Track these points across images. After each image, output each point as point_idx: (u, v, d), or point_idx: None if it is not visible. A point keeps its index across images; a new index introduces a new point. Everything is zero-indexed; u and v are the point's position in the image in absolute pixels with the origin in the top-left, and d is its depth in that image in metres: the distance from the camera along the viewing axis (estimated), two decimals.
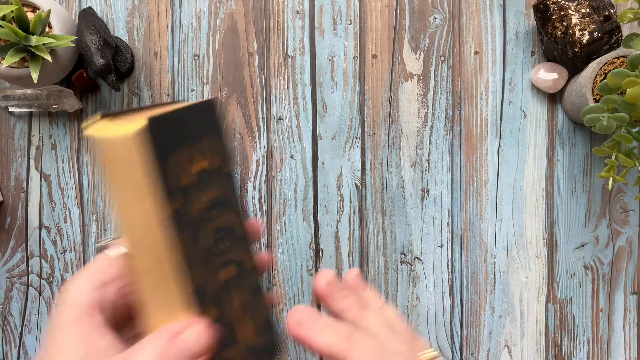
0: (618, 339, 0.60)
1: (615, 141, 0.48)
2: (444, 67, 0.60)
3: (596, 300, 0.60)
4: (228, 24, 0.60)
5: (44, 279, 0.60)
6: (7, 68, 0.51)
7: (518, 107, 0.60)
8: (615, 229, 0.60)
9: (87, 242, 0.60)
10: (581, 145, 0.60)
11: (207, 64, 0.60)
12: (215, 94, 0.60)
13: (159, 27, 0.60)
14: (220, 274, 0.27)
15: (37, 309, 0.61)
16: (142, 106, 0.25)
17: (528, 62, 0.60)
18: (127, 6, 0.60)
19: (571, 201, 0.60)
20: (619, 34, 0.54)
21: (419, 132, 0.60)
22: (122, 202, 0.25)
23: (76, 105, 0.59)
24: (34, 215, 0.60)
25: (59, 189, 0.60)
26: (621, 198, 0.60)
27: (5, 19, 0.49)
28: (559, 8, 0.54)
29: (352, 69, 0.60)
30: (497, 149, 0.60)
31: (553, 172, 0.60)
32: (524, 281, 0.60)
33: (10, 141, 0.60)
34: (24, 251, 0.60)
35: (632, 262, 0.60)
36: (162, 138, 0.24)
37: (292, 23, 0.60)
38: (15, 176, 0.60)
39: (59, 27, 0.53)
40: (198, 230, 0.26)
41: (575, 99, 0.55)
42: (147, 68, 0.60)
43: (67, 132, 0.60)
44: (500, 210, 0.60)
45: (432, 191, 0.60)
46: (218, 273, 0.27)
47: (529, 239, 0.60)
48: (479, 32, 0.60)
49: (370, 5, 0.60)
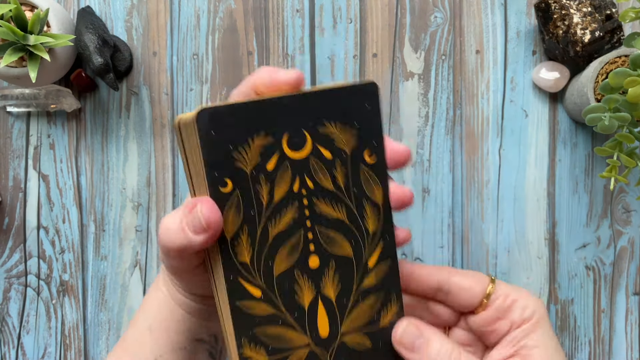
0: (620, 340, 0.60)
1: (617, 141, 0.48)
2: (445, 66, 0.59)
3: (598, 301, 0.60)
4: (227, 23, 0.60)
5: (42, 279, 0.60)
6: (5, 67, 0.51)
7: (519, 107, 0.59)
8: (617, 230, 0.59)
9: (86, 242, 0.60)
10: (583, 145, 0.59)
11: (207, 63, 0.60)
12: (214, 93, 0.60)
13: (157, 26, 0.60)
14: (287, 260, 0.28)
15: (35, 309, 0.60)
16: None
17: (529, 62, 0.59)
18: (126, 5, 0.60)
19: (573, 201, 0.60)
20: (620, 33, 0.53)
21: (420, 132, 0.60)
22: (194, 182, 0.27)
23: (74, 105, 0.58)
24: (32, 216, 0.60)
25: (57, 189, 0.60)
26: (623, 198, 0.59)
27: (4, 18, 0.49)
28: (560, 7, 0.54)
29: (352, 68, 0.60)
30: (498, 149, 0.59)
31: (554, 172, 0.60)
32: (526, 282, 0.60)
33: (8, 141, 0.60)
34: (22, 252, 0.60)
35: (634, 262, 0.60)
36: (222, 124, 0.25)
37: (291, 22, 0.60)
38: (14, 176, 0.60)
39: (58, 26, 0.52)
40: (259, 217, 0.27)
41: (577, 99, 0.55)
42: (146, 67, 0.60)
43: (66, 131, 0.60)
44: (501, 211, 0.60)
45: (432, 191, 0.60)
46: (287, 259, 0.28)
47: (531, 239, 0.60)
48: (480, 31, 0.59)
49: (370, 3, 0.60)
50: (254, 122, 0.26)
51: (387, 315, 0.30)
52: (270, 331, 0.28)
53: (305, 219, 0.28)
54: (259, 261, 0.27)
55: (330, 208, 0.28)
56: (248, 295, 0.27)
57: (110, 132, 0.60)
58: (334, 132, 0.28)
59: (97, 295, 0.60)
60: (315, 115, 0.27)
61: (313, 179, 0.28)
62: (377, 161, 0.29)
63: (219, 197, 0.26)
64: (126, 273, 0.60)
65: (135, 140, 0.60)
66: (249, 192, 0.26)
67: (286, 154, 0.27)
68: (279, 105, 0.26)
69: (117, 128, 0.60)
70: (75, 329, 0.60)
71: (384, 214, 0.29)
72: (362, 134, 0.28)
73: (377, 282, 0.30)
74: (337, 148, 0.28)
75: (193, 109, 0.59)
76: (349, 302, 0.29)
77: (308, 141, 0.27)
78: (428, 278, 0.33)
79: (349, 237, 0.29)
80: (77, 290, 0.60)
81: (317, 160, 0.28)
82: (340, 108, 0.28)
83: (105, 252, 0.60)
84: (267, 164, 0.27)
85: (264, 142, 0.26)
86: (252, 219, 0.27)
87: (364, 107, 0.28)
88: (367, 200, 0.29)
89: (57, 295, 0.60)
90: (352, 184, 0.28)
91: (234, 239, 0.26)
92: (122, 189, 0.60)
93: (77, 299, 0.60)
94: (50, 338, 0.60)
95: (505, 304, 0.32)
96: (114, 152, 0.60)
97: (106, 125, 0.60)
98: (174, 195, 0.60)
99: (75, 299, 0.60)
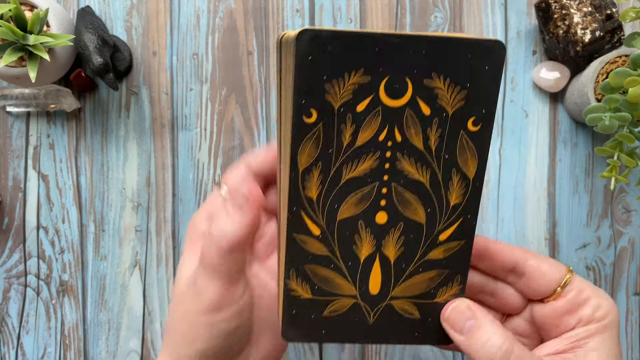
0: (620, 340, 0.60)
1: (618, 141, 0.48)
2: None
3: None
4: (227, 23, 0.60)
5: (41, 279, 0.60)
6: (5, 67, 0.51)
7: (520, 107, 0.59)
8: (617, 230, 0.59)
9: (85, 242, 0.60)
10: (583, 145, 0.59)
11: (206, 62, 0.60)
12: (214, 93, 0.60)
13: (157, 26, 0.60)
14: (354, 208, 0.26)
15: (35, 310, 0.60)
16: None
17: (529, 61, 0.59)
18: (126, 5, 0.59)
19: (573, 201, 0.59)
20: (621, 33, 0.53)
21: None
22: (283, 105, 0.26)
23: (74, 105, 0.58)
24: (32, 216, 0.60)
25: (57, 188, 0.60)
26: (623, 198, 0.59)
27: (3, 18, 0.49)
28: (560, 7, 0.54)
29: None
30: (498, 149, 0.59)
31: (555, 172, 0.59)
32: None
33: (7, 141, 0.60)
34: (21, 252, 0.60)
35: (634, 262, 0.60)
36: (321, 51, 0.24)
37: (291, 22, 0.60)
38: (13, 176, 0.60)
39: (57, 26, 0.52)
40: (336, 156, 0.26)
41: (577, 99, 0.54)
42: (146, 67, 0.60)
43: (65, 131, 0.60)
44: (501, 211, 0.60)
45: None
46: (353, 206, 0.27)
47: (531, 239, 0.60)
48: (480, 31, 0.59)
49: (370, 3, 0.59)
50: (355, 56, 0.24)
51: (446, 293, 0.29)
52: (321, 272, 0.27)
53: (384, 172, 0.26)
54: (325, 200, 0.26)
55: (414, 168, 0.26)
56: (307, 231, 0.27)
57: (110, 132, 0.60)
58: (441, 87, 0.25)
59: (96, 295, 0.60)
60: (424, 63, 0.25)
61: (403, 133, 0.26)
62: (480, 131, 0.27)
63: (300, 126, 0.25)
64: (126, 273, 0.60)
65: (135, 140, 0.60)
66: (331, 129, 0.25)
67: (381, 98, 0.25)
68: (387, 43, 0.24)
69: (116, 128, 0.60)
70: (75, 329, 0.60)
71: (472, 189, 0.27)
72: (472, 97, 0.26)
73: (444, 258, 0.28)
74: (439, 106, 0.26)
75: (193, 108, 0.59)
76: (408, 268, 0.28)
77: (409, 90, 0.25)
78: (503, 256, 0.31)
79: (426, 204, 0.27)
80: (76, 290, 0.60)
81: (412, 114, 0.26)
82: (456, 63, 0.25)
83: (105, 252, 0.60)
84: (358, 104, 0.25)
85: (360, 80, 0.25)
86: (329, 156, 0.25)
87: (482, 68, 0.25)
88: (457, 170, 0.27)
89: (57, 295, 0.60)
90: (446, 148, 0.26)
91: (305, 172, 0.26)
92: (122, 189, 0.60)
93: (76, 299, 0.60)
94: (50, 338, 0.60)
95: (579, 299, 0.30)
96: (113, 152, 0.60)
97: (106, 125, 0.60)
98: (174, 195, 0.60)
99: (75, 299, 0.60)
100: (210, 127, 0.60)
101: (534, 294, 0.31)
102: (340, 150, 0.25)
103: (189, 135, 0.60)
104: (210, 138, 0.60)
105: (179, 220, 0.60)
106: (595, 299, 0.30)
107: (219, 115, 0.60)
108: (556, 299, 0.30)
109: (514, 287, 0.32)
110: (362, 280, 0.28)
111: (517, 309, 0.32)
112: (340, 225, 0.27)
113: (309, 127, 0.25)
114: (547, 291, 0.30)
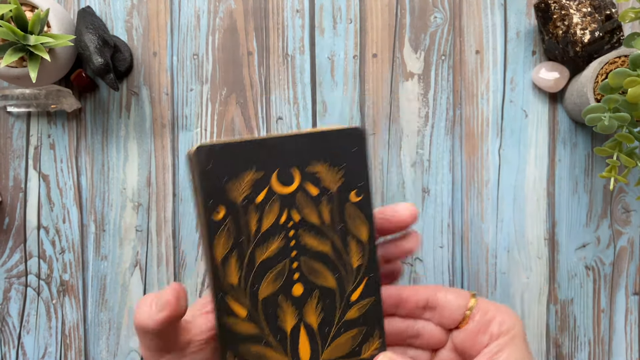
0: (619, 340, 0.60)
1: (617, 141, 0.48)
2: (445, 67, 0.59)
3: (597, 301, 0.60)
4: (227, 23, 0.60)
5: (42, 279, 0.60)
6: (6, 67, 0.51)
7: (519, 107, 0.59)
8: (616, 230, 0.60)
9: (86, 242, 0.60)
10: (582, 145, 0.59)
11: (207, 63, 0.60)
12: (214, 93, 0.60)
13: (157, 26, 0.60)
14: (272, 286, 0.30)
15: (35, 309, 0.60)
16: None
17: (529, 62, 0.59)
18: (126, 5, 0.60)
19: (572, 201, 0.60)
20: (620, 34, 0.54)
21: (420, 132, 0.60)
22: (197, 209, 0.30)
23: (75, 105, 0.59)
24: (33, 216, 0.60)
25: (57, 188, 0.60)
26: (622, 198, 0.59)
27: (4, 18, 0.49)
28: (560, 7, 0.54)
29: (352, 68, 0.60)
30: (498, 149, 0.60)
31: (554, 172, 0.60)
32: (525, 282, 0.60)
33: (8, 141, 0.60)
34: (22, 251, 0.60)
35: (633, 262, 0.60)
36: (218, 159, 0.28)
37: (291, 22, 0.60)
38: (14, 176, 0.60)
39: (58, 27, 0.52)
40: (247, 243, 0.29)
41: (577, 99, 0.55)
42: (146, 67, 0.60)
43: (66, 131, 0.60)
44: (501, 211, 0.60)
45: (432, 191, 0.60)
46: (272, 286, 0.30)
47: (530, 239, 0.60)
48: (479, 32, 0.59)
49: (370, 4, 0.60)
50: (246, 159, 0.29)
51: (370, 349, 0.32)
52: (254, 349, 0.30)
53: (291, 249, 0.30)
54: (245, 283, 0.29)
55: (316, 241, 0.30)
56: (234, 314, 0.29)
57: (111, 132, 0.60)
58: (322, 171, 0.30)
59: (97, 295, 0.60)
60: (304, 155, 0.29)
61: (300, 213, 0.30)
62: (363, 200, 0.31)
63: (212, 222, 0.28)
64: (126, 273, 0.60)
65: (135, 140, 0.60)
66: (239, 220, 0.29)
67: (274, 188, 0.29)
68: (270, 144, 0.29)
69: (117, 128, 0.60)
70: (76, 329, 0.60)
71: (369, 251, 0.31)
72: (349, 174, 0.30)
73: (359, 316, 0.31)
74: (324, 186, 0.30)
75: (193, 109, 0.60)
76: (331, 331, 0.31)
77: (296, 178, 0.30)
78: (416, 297, 0.34)
79: (333, 270, 0.31)
80: (77, 290, 0.60)
81: (304, 196, 0.30)
82: (328, 150, 0.30)
83: (106, 252, 0.60)
84: (257, 196, 0.29)
85: (255, 176, 0.29)
86: (242, 244, 0.29)
87: (351, 150, 0.30)
88: (352, 236, 0.31)
89: (58, 295, 0.60)
90: (338, 220, 0.30)
91: (224, 261, 0.29)
92: (122, 189, 0.60)
93: (77, 299, 0.60)
94: (51, 338, 0.61)
95: (485, 318, 0.33)
96: (114, 152, 0.60)
97: (106, 125, 0.60)
98: (174, 195, 0.60)
99: (75, 299, 0.60)
100: (210, 127, 0.60)
101: (448, 323, 0.35)
102: (249, 237, 0.29)
103: (189, 136, 0.60)
104: (211, 138, 0.60)
105: (180, 220, 0.60)
106: (499, 316, 0.34)
107: (219, 116, 0.60)
108: (468, 323, 0.34)
109: (433, 322, 0.35)
110: (293, 350, 0.30)
111: (441, 342, 0.36)
112: (263, 304, 0.30)
113: (219, 223, 0.29)
114: (458, 317, 0.34)
